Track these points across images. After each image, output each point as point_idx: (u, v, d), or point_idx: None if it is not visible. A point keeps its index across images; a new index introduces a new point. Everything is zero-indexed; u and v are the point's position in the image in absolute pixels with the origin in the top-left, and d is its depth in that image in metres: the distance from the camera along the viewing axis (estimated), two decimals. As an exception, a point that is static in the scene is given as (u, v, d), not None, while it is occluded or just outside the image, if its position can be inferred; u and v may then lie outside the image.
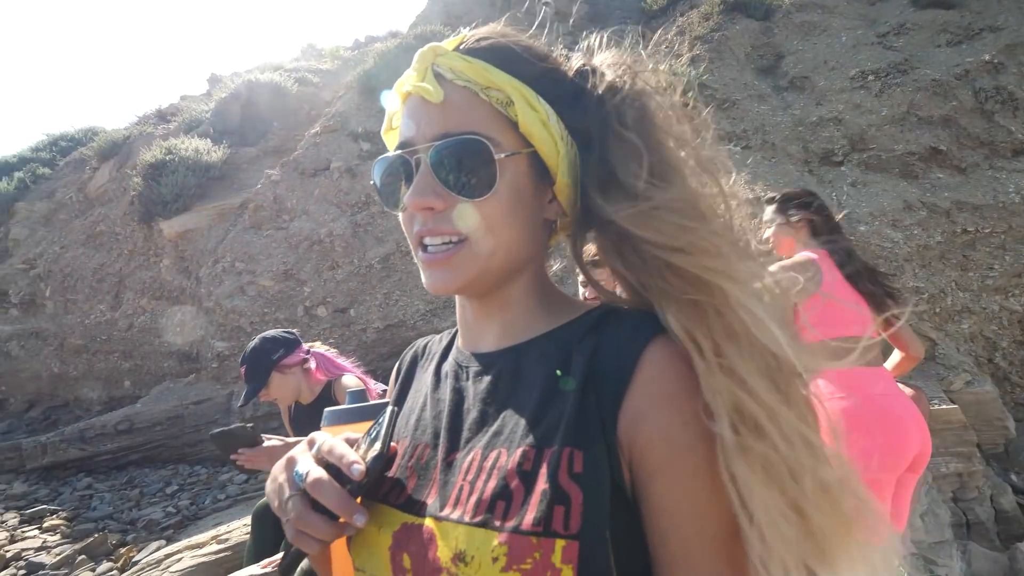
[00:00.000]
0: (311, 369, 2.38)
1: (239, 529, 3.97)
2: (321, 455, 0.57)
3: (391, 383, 0.81)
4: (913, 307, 2.42)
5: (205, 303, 7.27)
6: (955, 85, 6.09)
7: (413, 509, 0.59)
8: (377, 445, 0.56)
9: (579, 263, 0.67)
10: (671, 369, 0.53)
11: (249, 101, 9.39)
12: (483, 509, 0.53)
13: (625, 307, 0.61)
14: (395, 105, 0.66)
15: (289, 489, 0.56)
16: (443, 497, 0.57)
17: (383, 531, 0.60)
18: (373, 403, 0.73)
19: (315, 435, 0.61)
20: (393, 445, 0.62)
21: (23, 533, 5.20)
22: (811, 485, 0.48)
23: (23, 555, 4.77)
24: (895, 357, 2.39)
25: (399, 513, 0.60)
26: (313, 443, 0.59)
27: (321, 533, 0.54)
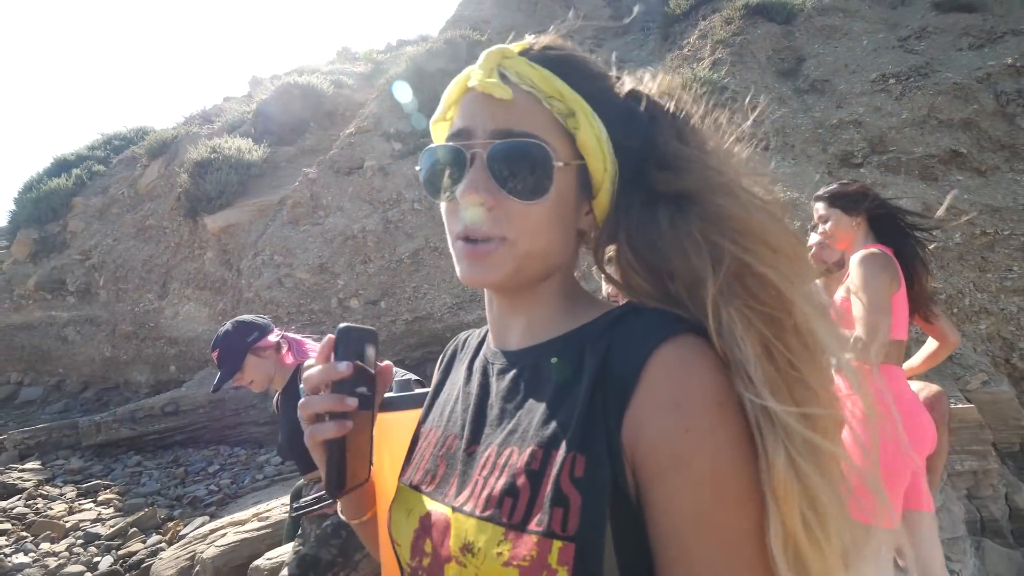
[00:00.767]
0: (283, 353, 2.26)
1: (278, 508, 4.08)
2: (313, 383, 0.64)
3: (435, 372, 0.83)
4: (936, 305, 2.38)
5: (245, 294, 7.45)
6: (976, 88, 5.92)
7: (438, 497, 0.61)
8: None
9: (601, 267, 0.66)
10: (677, 375, 0.50)
11: (287, 103, 9.55)
12: (492, 504, 0.53)
13: (650, 305, 0.58)
14: (451, 97, 0.63)
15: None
16: (461, 488, 0.59)
17: (412, 515, 0.62)
18: (420, 392, 0.78)
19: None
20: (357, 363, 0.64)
21: (80, 505, 5.42)
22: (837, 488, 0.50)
23: (80, 526, 4.98)
24: (930, 345, 2.35)
25: (427, 499, 0.62)
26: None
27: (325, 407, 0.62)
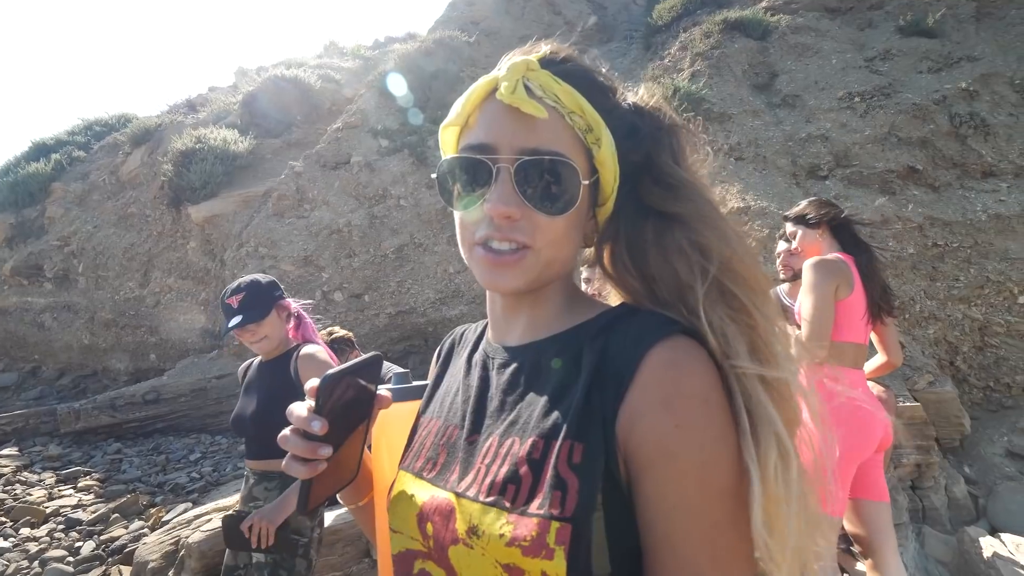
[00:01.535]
0: (291, 325, 2.15)
1: (264, 493, 4.10)
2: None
3: (432, 365, 0.84)
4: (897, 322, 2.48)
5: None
6: (933, 109, 6.20)
7: (439, 483, 0.63)
8: (333, 369, 0.60)
9: (603, 268, 0.69)
10: (669, 374, 0.53)
11: (274, 95, 9.44)
12: (496, 491, 0.56)
13: (644, 305, 0.62)
14: (472, 103, 0.63)
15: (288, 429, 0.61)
16: (464, 475, 0.61)
17: (413, 500, 0.64)
18: (418, 384, 0.81)
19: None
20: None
21: (59, 492, 5.32)
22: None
23: (61, 511, 4.91)
24: (877, 360, 2.48)
25: (428, 486, 0.64)
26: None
27: (303, 453, 0.59)
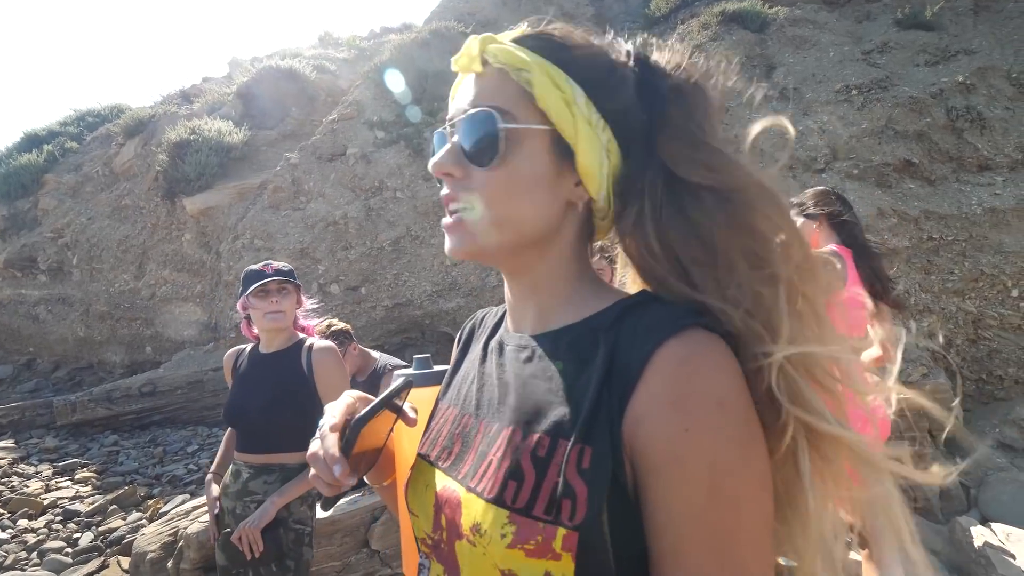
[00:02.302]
0: (299, 319, 2.15)
1: (262, 485, 4.11)
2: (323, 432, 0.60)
3: (453, 350, 0.81)
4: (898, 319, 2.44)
5: (225, 277, 7.36)
6: (930, 103, 6.20)
7: (452, 474, 0.62)
8: (364, 410, 0.59)
9: (621, 244, 0.64)
10: (679, 372, 0.49)
11: (269, 86, 9.37)
12: (497, 487, 0.54)
13: (669, 285, 0.57)
14: (452, 94, 0.65)
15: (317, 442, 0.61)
16: (474, 468, 0.59)
17: (429, 490, 0.63)
18: (439, 369, 0.79)
19: (337, 405, 0.64)
20: (385, 412, 0.63)
21: (57, 483, 5.33)
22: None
23: (58, 503, 4.92)
24: (872, 352, 2.52)
25: (443, 476, 0.63)
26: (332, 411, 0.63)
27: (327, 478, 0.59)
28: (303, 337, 2.10)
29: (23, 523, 4.54)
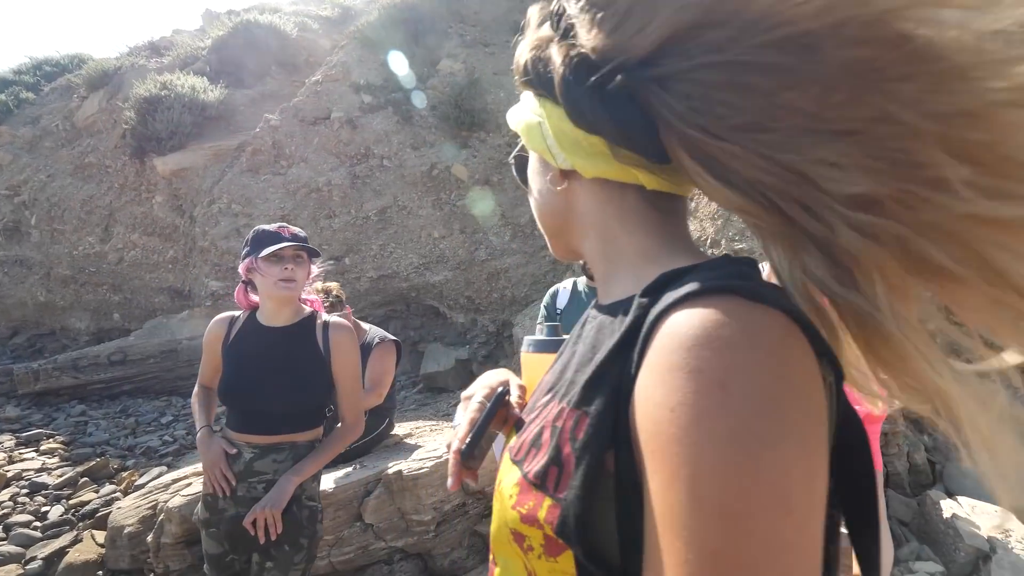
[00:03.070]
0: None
1: (246, 458, 3.97)
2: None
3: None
4: None
5: (200, 242, 7.04)
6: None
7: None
8: (471, 437, 0.63)
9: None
10: (683, 338, 0.39)
11: (247, 42, 8.86)
12: (522, 451, 0.54)
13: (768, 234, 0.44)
14: None
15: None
16: (520, 439, 0.59)
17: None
18: (560, 338, 0.75)
19: (479, 389, 0.69)
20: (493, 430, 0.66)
21: (20, 455, 5.07)
22: None
23: (23, 475, 4.68)
24: None
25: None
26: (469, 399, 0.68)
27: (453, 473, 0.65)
28: (312, 311, 1.92)
29: (-15, 496, 4.31)
